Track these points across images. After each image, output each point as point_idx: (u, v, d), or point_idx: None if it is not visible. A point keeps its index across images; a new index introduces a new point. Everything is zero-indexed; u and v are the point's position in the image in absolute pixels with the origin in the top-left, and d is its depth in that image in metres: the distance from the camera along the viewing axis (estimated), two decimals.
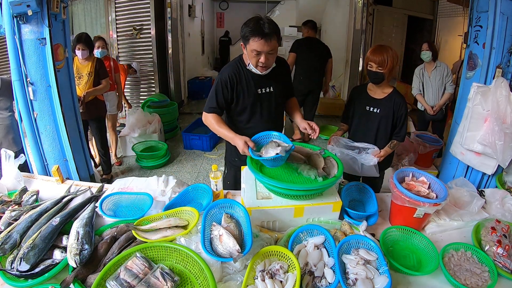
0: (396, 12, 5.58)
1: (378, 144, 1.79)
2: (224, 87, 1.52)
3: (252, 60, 1.42)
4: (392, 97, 1.76)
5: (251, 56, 1.41)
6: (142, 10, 4.75)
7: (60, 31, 1.89)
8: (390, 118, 1.77)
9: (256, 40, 1.34)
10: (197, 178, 3.45)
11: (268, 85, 1.59)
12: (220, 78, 1.53)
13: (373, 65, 1.68)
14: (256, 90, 1.56)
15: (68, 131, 1.97)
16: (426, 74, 3.16)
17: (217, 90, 1.54)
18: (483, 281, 1.08)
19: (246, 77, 1.54)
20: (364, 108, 1.82)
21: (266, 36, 1.34)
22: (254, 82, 1.55)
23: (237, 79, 1.52)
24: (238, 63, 1.56)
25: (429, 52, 3.04)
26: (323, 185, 1.25)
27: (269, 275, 1.00)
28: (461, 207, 1.47)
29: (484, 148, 1.76)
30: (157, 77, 5.11)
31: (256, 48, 1.36)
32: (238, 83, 1.53)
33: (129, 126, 3.80)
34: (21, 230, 1.17)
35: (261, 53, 1.38)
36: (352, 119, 1.91)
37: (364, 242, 1.14)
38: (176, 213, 1.32)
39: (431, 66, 3.11)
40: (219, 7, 9.27)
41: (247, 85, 1.54)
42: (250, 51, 1.40)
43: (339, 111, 5.77)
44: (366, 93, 1.84)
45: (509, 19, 1.71)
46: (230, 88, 1.53)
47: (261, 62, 1.41)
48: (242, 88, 1.54)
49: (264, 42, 1.35)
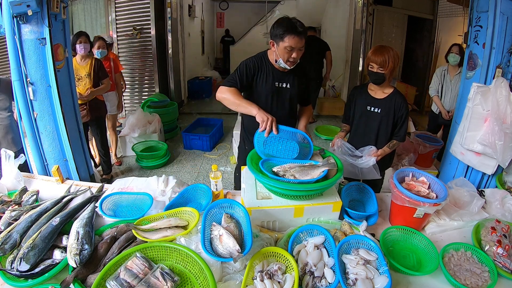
0: (396, 12, 5.58)
1: (379, 144, 1.79)
2: (248, 69, 1.64)
3: (285, 56, 1.53)
4: (393, 97, 1.75)
5: (283, 53, 1.52)
6: (142, 10, 4.76)
7: (60, 31, 1.89)
8: (391, 118, 1.76)
9: (291, 38, 1.47)
10: (197, 178, 3.45)
11: (286, 81, 1.69)
12: (245, 62, 1.66)
13: (374, 65, 1.68)
14: (274, 83, 1.67)
15: (68, 131, 1.97)
16: (448, 77, 3.05)
17: (240, 70, 1.64)
18: (483, 281, 1.08)
19: (267, 69, 1.66)
20: (365, 108, 1.81)
21: (300, 34, 1.48)
22: (273, 75, 1.66)
23: (259, 67, 1.65)
24: (263, 57, 1.68)
25: (458, 56, 2.92)
26: (323, 185, 1.24)
27: (267, 276, 1.00)
28: (461, 207, 1.47)
29: (484, 148, 1.76)
30: (157, 77, 5.11)
31: (291, 44, 1.48)
32: (259, 71, 1.65)
33: (129, 126, 3.80)
34: (21, 230, 1.17)
35: (294, 49, 1.51)
36: (352, 119, 1.91)
37: (364, 242, 1.14)
38: (176, 213, 1.32)
39: (455, 70, 3.00)
40: (219, 7, 9.28)
41: (267, 76, 1.66)
42: (283, 47, 1.50)
43: (339, 111, 5.78)
44: (367, 93, 1.83)
45: (509, 19, 1.71)
46: (252, 73, 1.64)
47: (293, 58, 1.53)
48: (261, 77, 1.66)
49: (298, 39, 1.48)
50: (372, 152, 1.73)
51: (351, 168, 1.78)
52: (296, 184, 1.23)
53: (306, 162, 1.38)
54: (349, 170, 1.78)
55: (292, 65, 1.58)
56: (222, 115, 5.29)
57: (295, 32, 1.47)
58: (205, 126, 4.61)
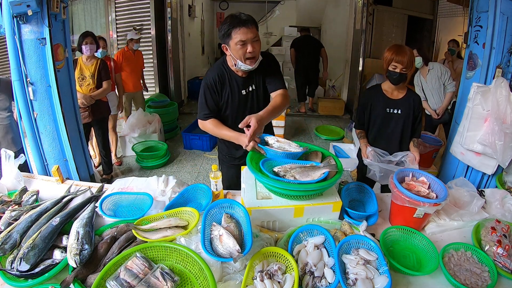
0: (396, 12, 5.59)
1: (404, 144, 1.77)
2: (212, 90, 1.52)
3: (239, 53, 1.40)
4: (410, 97, 1.74)
5: (236, 51, 1.40)
6: (142, 10, 4.76)
7: (60, 31, 1.89)
8: (411, 117, 1.74)
9: (237, 31, 1.35)
10: (197, 178, 3.45)
11: (250, 83, 1.58)
12: (206, 83, 1.52)
13: (398, 66, 1.64)
14: (240, 91, 1.56)
15: (68, 131, 1.97)
16: (422, 79, 3.12)
17: (205, 95, 1.53)
18: (483, 281, 1.08)
19: (230, 78, 1.54)
20: (384, 111, 1.76)
21: (246, 23, 1.36)
22: (237, 83, 1.54)
23: (222, 80, 1.52)
24: (222, 65, 1.55)
25: (419, 57, 2.98)
26: (323, 185, 1.24)
27: (267, 276, 1.00)
28: (461, 207, 1.46)
29: (484, 148, 1.76)
30: (157, 77, 5.11)
31: (241, 37, 1.36)
32: (224, 84, 1.53)
33: (129, 126, 3.80)
34: (21, 230, 1.17)
35: (246, 43, 1.38)
36: (370, 123, 1.85)
37: (364, 242, 1.14)
38: (176, 213, 1.32)
39: (424, 70, 3.08)
40: (219, 7, 9.27)
41: (231, 87, 1.54)
42: (234, 44, 1.38)
43: (339, 111, 5.78)
44: (382, 94, 1.78)
45: (509, 19, 1.71)
46: (217, 90, 1.53)
47: (249, 52, 1.40)
48: (227, 89, 1.54)
49: (246, 30, 1.35)
50: (412, 159, 1.67)
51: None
52: (296, 184, 1.23)
53: (307, 163, 1.38)
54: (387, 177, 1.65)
55: (253, 63, 1.44)
56: None
57: (240, 23, 1.35)
58: None
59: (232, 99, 1.55)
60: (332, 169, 1.29)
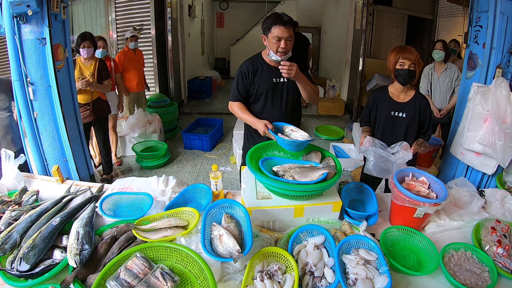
0: (396, 12, 5.58)
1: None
2: (244, 76, 1.73)
3: (273, 46, 1.59)
4: (417, 100, 1.73)
5: (272, 44, 1.59)
6: (142, 10, 4.76)
7: (60, 31, 1.89)
8: (416, 121, 1.74)
9: (277, 27, 1.55)
10: (197, 178, 3.45)
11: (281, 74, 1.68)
12: (240, 69, 1.74)
13: (406, 62, 1.63)
14: (272, 79, 1.72)
15: (68, 131, 1.97)
16: (435, 75, 3.01)
17: (238, 80, 1.75)
18: (483, 281, 1.08)
19: (263, 67, 1.73)
20: (389, 114, 1.77)
21: (286, 23, 1.55)
22: (270, 71, 1.72)
23: (254, 68, 1.73)
24: (257, 57, 1.76)
25: (443, 52, 2.87)
26: (323, 186, 1.24)
27: (267, 276, 1.00)
28: (461, 207, 1.47)
29: (484, 148, 1.76)
30: (157, 77, 5.11)
31: (278, 34, 1.55)
32: (256, 72, 1.73)
33: (129, 126, 3.80)
34: (21, 230, 1.17)
35: (281, 39, 1.56)
36: (375, 125, 1.86)
37: (364, 242, 1.14)
38: (176, 213, 1.32)
39: (441, 67, 2.96)
40: (219, 7, 9.27)
41: (264, 74, 1.72)
42: (271, 38, 1.58)
43: (339, 111, 5.78)
44: (389, 97, 1.78)
45: (509, 19, 1.71)
46: (248, 77, 1.73)
47: (281, 48, 1.58)
48: (259, 76, 1.73)
49: (284, 29, 1.54)
50: (406, 147, 1.66)
51: (384, 165, 1.68)
52: (296, 185, 1.23)
53: (307, 163, 1.38)
54: (381, 168, 1.68)
55: (283, 56, 1.61)
56: (222, 115, 5.29)
57: (281, 22, 1.54)
58: (205, 126, 4.61)
59: (263, 85, 1.73)
60: (331, 170, 1.29)
